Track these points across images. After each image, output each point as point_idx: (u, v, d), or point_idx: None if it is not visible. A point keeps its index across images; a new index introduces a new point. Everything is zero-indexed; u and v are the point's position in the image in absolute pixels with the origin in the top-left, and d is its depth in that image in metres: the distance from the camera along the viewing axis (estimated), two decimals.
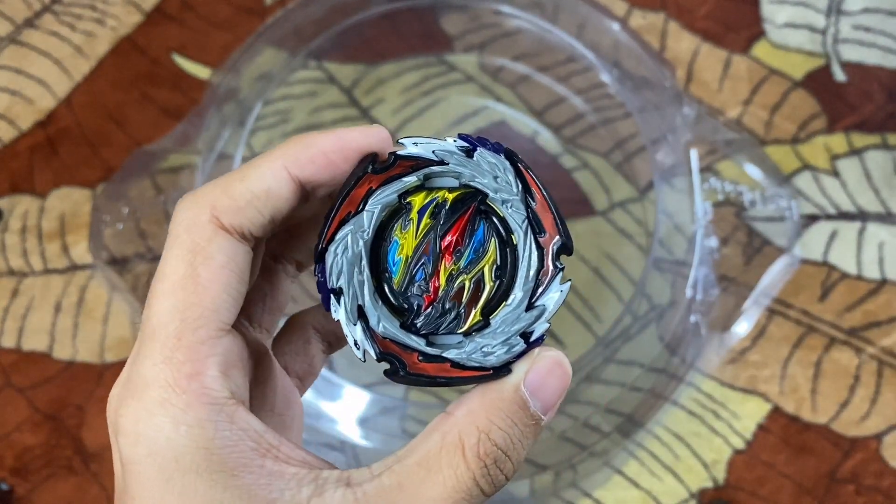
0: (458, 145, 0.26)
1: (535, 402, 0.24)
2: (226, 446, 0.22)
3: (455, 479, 0.23)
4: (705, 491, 0.48)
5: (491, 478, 0.23)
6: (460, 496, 0.23)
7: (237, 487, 0.22)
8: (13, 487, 0.49)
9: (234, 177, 0.24)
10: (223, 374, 0.23)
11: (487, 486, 0.23)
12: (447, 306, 0.25)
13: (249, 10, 0.59)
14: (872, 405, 0.49)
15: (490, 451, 0.23)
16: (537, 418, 0.24)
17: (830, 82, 0.56)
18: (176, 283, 0.24)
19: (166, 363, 0.23)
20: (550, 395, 0.24)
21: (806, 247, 0.52)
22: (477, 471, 0.23)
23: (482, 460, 0.23)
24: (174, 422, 0.22)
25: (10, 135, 0.56)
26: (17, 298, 0.52)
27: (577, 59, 0.56)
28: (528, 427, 0.24)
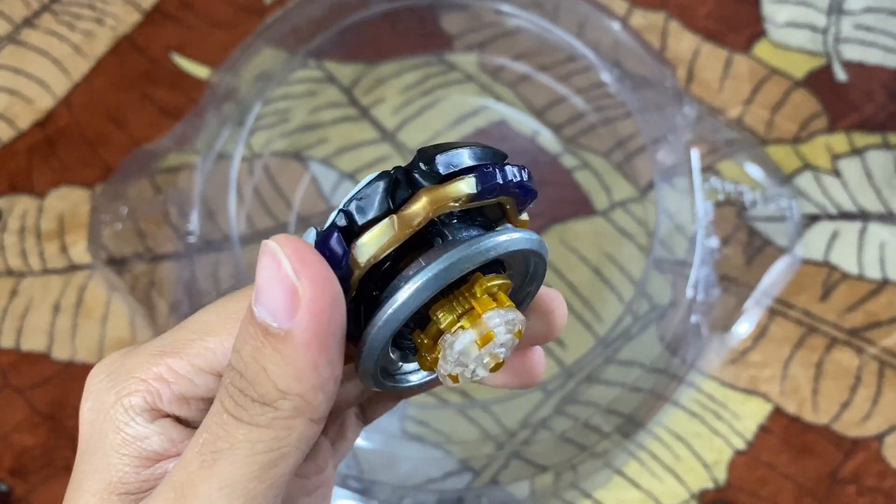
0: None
1: (260, 309, 0.20)
2: (136, 435, 0.23)
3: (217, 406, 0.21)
4: (706, 491, 0.48)
5: (232, 399, 0.21)
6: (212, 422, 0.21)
7: (119, 470, 0.23)
8: (12, 488, 0.48)
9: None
10: (183, 397, 0.23)
11: (232, 407, 0.21)
12: None
13: (249, 10, 0.59)
14: (874, 406, 0.49)
15: (227, 373, 0.21)
16: (265, 328, 0.20)
17: (831, 82, 0.56)
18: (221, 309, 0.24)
19: (154, 355, 0.23)
20: (269, 295, 0.20)
21: (807, 247, 0.52)
22: (222, 395, 0.21)
23: (223, 383, 0.21)
24: (112, 396, 0.23)
25: (9, 135, 0.56)
26: (15, 298, 0.52)
27: (577, 58, 0.55)
28: (258, 340, 0.20)
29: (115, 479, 0.23)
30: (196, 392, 0.23)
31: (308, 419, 0.20)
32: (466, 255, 0.20)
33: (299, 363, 0.20)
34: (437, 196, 0.21)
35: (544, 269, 0.24)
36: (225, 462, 0.20)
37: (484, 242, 0.21)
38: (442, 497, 0.47)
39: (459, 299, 0.22)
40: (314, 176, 0.54)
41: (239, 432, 0.20)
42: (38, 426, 0.49)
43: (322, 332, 0.20)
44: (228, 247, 0.50)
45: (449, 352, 0.22)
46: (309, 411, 0.20)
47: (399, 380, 0.24)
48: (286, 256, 0.20)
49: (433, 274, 0.20)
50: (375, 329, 0.21)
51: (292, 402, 0.20)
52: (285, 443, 0.20)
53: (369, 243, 0.20)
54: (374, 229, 0.20)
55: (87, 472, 0.23)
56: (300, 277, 0.19)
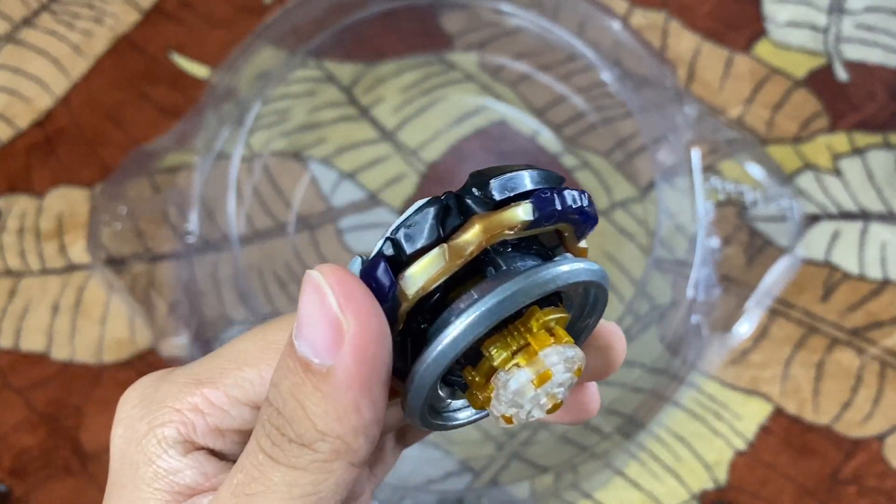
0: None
1: (301, 343, 0.19)
2: (168, 469, 0.22)
3: (254, 444, 0.20)
4: (707, 492, 0.48)
5: (270, 440, 0.20)
6: (247, 462, 0.20)
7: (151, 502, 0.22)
8: (11, 489, 0.48)
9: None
10: (218, 430, 0.23)
11: (268, 447, 0.20)
12: None
13: (248, 9, 0.59)
14: (875, 406, 0.49)
15: (265, 410, 0.20)
16: (306, 364, 0.19)
17: (832, 81, 0.56)
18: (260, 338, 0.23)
19: (188, 385, 0.23)
20: (312, 330, 0.19)
21: (808, 247, 0.52)
22: (258, 433, 0.20)
23: (260, 420, 0.20)
24: (145, 427, 0.22)
25: (8, 134, 0.56)
26: (14, 299, 0.52)
27: (577, 57, 0.55)
28: (298, 377, 0.19)
29: None
30: (232, 424, 0.22)
31: (348, 462, 0.19)
32: (523, 288, 0.19)
33: (341, 403, 0.19)
34: (492, 223, 0.19)
35: (605, 301, 0.22)
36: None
37: (542, 274, 0.19)
38: (442, 497, 0.47)
39: (514, 334, 0.20)
40: (314, 176, 0.54)
41: (275, 474, 0.19)
42: (37, 426, 0.49)
43: (366, 371, 0.19)
44: (228, 247, 0.50)
45: (503, 391, 0.20)
46: (349, 455, 0.19)
47: (447, 417, 0.23)
48: (331, 288, 0.18)
49: (487, 308, 0.19)
50: (424, 367, 0.19)
51: (332, 445, 0.19)
52: (323, 487, 0.19)
53: (418, 274, 0.19)
54: (424, 259, 0.19)
55: (117, 499, 0.22)
56: (345, 312, 0.18)
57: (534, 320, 0.20)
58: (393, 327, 0.20)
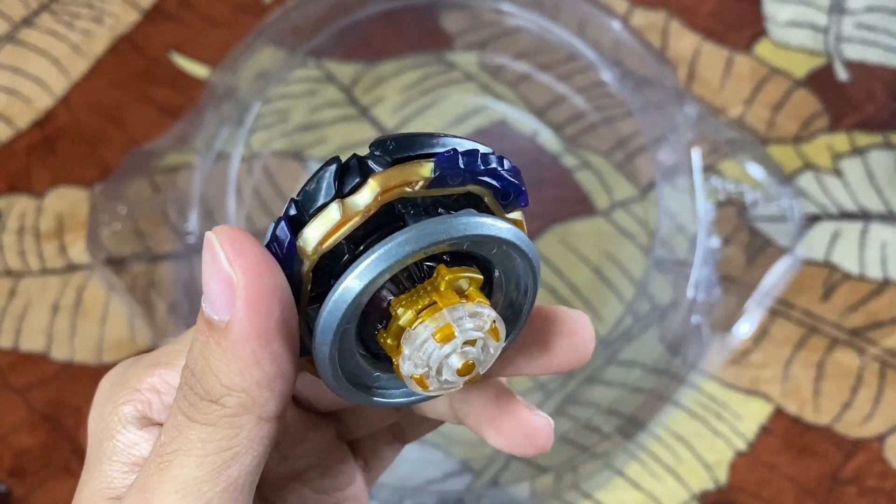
0: None
1: (204, 303, 0.19)
2: (126, 442, 0.23)
3: (175, 407, 0.21)
4: (707, 492, 0.48)
5: (185, 398, 0.20)
6: (172, 425, 0.20)
7: (108, 475, 0.23)
8: (10, 489, 0.48)
9: None
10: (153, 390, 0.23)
11: (185, 407, 0.20)
12: None
13: (248, 9, 0.59)
14: (875, 406, 0.49)
15: (182, 373, 0.20)
16: (208, 322, 0.19)
17: (833, 81, 0.56)
18: None
19: (150, 366, 0.24)
20: (209, 288, 0.19)
21: (808, 247, 0.52)
22: (177, 395, 0.21)
23: (180, 384, 0.21)
24: (111, 404, 0.23)
25: (8, 134, 0.56)
26: (14, 299, 0.52)
27: (577, 57, 0.55)
28: (203, 335, 0.20)
29: (103, 485, 0.23)
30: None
31: (256, 417, 0.20)
32: (413, 237, 0.19)
33: (240, 357, 0.19)
34: (388, 178, 0.19)
35: (533, 272, 0.21)
36: (178, 464, 0.20)
37: (436, 224, 0.19)
38: (442, 498, 0.47)
39: (421, 293, 0.20)
40: None
41: (191, 433, 0.20)
42: (36, 427, 0.49)
43: (261, 323, 0.19)
44: None
45: (407, 348, 0.20)
46: (256, 408, 0.20)
47: (380, 394, 0.22)
48: (221, 246, 0.19)
49: (379, 253, 0.19)
50: (322, 317, 0.19)
51: (237, 399, 0.19)
52: (235, 442, 0.20)
53: (314, 231, 0.19)
54: (319, 217, 0.19)
55: (85, 479, 0.23)
56: (234, 267, 0.19)
57: (440, 279, 0.20)
58: (300, 287, 0.20)
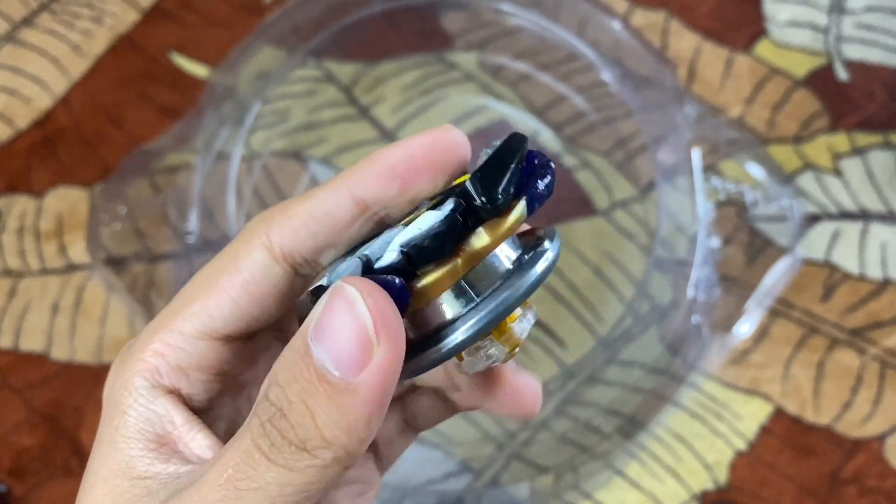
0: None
1: (320, 351, 0.19)
2: (138, 417, 0.23)
3: (248, 440, 0.20)
4: (707, 492, 0.48)
5: (269, 440, 0.20)
6: (239, 457, 0.20)
7: (125, 454, 0.23)
8: (10, 489, 0.48)
9: (300, 197, 0.23)
10: (180, 368, 0.23)
11: (268, 447, 0.20)
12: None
13: (248, 9, 0.59)
14: (875, 406, 0.49)
15: (264, 408, 0.20)
16: (322, 373, 0.19)
17: (833, 81, 0.56)
18: (200, 275, 0.24)
19: (148, 334, 0.24)
20: (338, 343, 0.19)
21: (808, 247, 0.52)
22: (255, 430, 0.20)
23: (258, 417, 0.20)
24: (117, 381, 0.24)
25: (7, 134, 0.56)
26: (14, 299, 0.52)
27: (577, 57, 0.55)
28: (311, 384, 0.19)
29: (123, 465, 0.23)
30: (190, 361, 0.23)
31: (343, 467, 0.20)
32: (516, 297, 0.21)
33: (355, 417, 0.19)
34: (500, 233, 0.21)
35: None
36: (251, 499, 0.20)
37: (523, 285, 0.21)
38: (442, 498, 0.47)
39: None
40: (314, 175, 0.54)
41: (269, 474, 0.19)
42: (36, 427, 0.49)
43: (388, 391, 0.19)
44: None
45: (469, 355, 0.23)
46: (348, 461, 0.19)
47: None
48: (369, 311, 0.19)
49: (484, 317, 0.20)
50: (430, 358, 0.21)
51: (335, 454, 0.19)
52: (314, 488, 0.20)
53: (431, 286, 0.20)
54: (439, 272, 0.20)
55: (96, 457, 0.23)
56: (380, 336, 0.19)
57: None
58: None
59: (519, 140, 0.21)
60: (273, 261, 0.23)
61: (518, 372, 0.25)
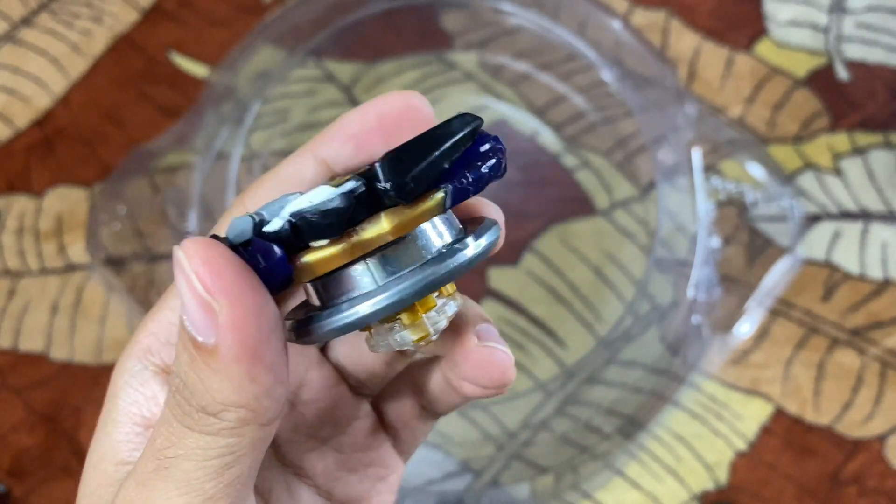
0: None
1: (186, 320, 0.19)
2: (127, 400, 0.23)
3: (167, 410, 0.20)
4: (707, 493, 0.47)
5: (179, 407, 0.20)
6: (163, 427, 0.20)
7: (113, 439, 0.23)
8: (10, 489, 0.48)
9: (272, 170, 0.24)
10: (170, 343, 0.24)
11: (179, 416, 0.20)
12: None
13: (248, 9, 0.59)
14: (876, 406, 0.49)
15: (172, 379, 0.20)
16: (193, 340, 0.19)
17: (833, 81, 0.56)
18: None
19: (144, 320, 0.24)
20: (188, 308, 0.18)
21: (809, 247, 0.52)
22: (169, 400, 0.20)
23: (171, 387, 0.20)
24: (117, 367, 0.24)
25: (7, 134, 0.56)
26: (13, 299, 0.52)
27: (577, 57, 0.55)
28: (190, 352, 0.19)
29: (108, 449, 0.23)
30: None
31: (258, 425, 0.19)
32: (425, 283, 0.19)
33: (234, 376, 0.18)
34: (403, 222, 0.19)
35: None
36: (178, 467, 0.20)
37: (439, 271, 0.20)
38: (442, 498, 0.46)
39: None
40: None
41: (189, 440, 0.20)
42: (35, 427, 0.49)
43: (252, 344, 0.18)
44: None
45: (378, 334, 0.22)
46: (257, 418, 0.19)
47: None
48: (195, 272, 0.18)
49: (391, 296, 0.19)
50: (328, 326, 0.20)
51: (236, 414, 0.19)
52: (237, 447, 0.20)
53: (316, 263, 0.19)
54: (326, 252, 0.19)
55: (92, 443, 0.24)
56: (213, 294, 0.18)
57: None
58: (280, 280, 0.19)
59: (462, 123, 0.20)
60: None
61: (487, 340, 0.24)
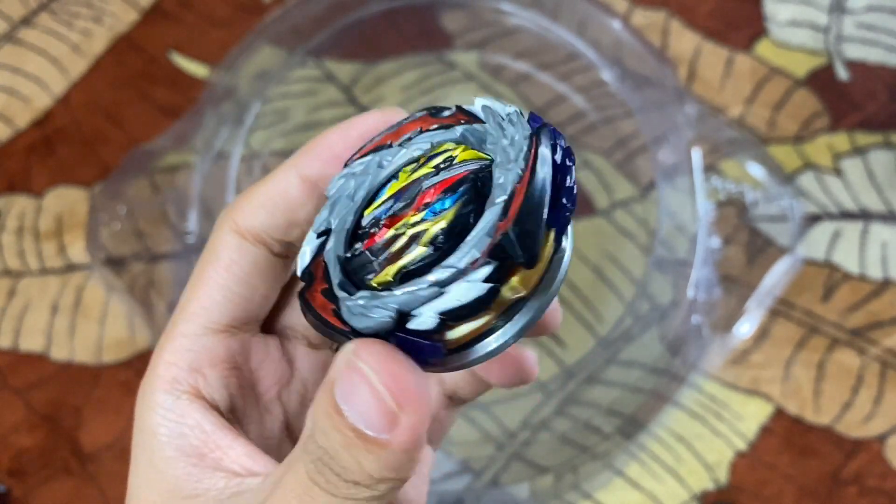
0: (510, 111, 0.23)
1: (349, 411, 0.20)
2: (171, 434, 0.23)
3: (296, 478, 0.21)
4: (707, 493, 0.47)
5: (323, 476, 0.21)
6: (300, 489, 0.21)
7: (170, 475, 0.23)
8: (10, 489, 0.48)
9: (258, 182, 0.25)
10: (194, 370, 0.24)
11: (323, 483, 0.21)
12: (377, 253, 0.22)
13: (248, 8, 0.59)
14: (876, 406, 0.49)
15: (314, 449, 0.21)
16: (356, 430, 0.19)
17: (833, 81, 0.56)
18: (192, 278, 0.25)
19: (157, 352, 0.25)
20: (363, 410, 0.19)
21: (809, 247, 0.52)
22: (309, 466, 0.21)
23: (310, 455, 0.21)
24: (142, 404, 0.24)
25: (7, 134, 0.56)
26: (13, 299, 0.52)
27: (577, 57, 0.55)
28: (349, 438, 0.20)
29: (171, 487, 0.23)
30: (201, 359, 0.24)
31: (399, 487, 0.21)
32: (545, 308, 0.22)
33: (397, 460, 0.20)
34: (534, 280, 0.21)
35: None
36: None
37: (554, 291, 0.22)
38: (441, 498, 0.46)
39: None
40: None
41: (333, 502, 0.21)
42: (36, 427, 0.49)
43: (422, 437, 0.20)
44: None
45: None
46: (403, 483, 0.20)
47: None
48: (385, 386, 0.19)
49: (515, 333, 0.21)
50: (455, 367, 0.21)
51: (389, 485, 0.20)
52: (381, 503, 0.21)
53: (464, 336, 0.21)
54: (472, 325, 0.21)
55: (140, 485, 0.24)
56: (402, 407, 0.19)
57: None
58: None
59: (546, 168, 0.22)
60: (244, 241, 0.25)
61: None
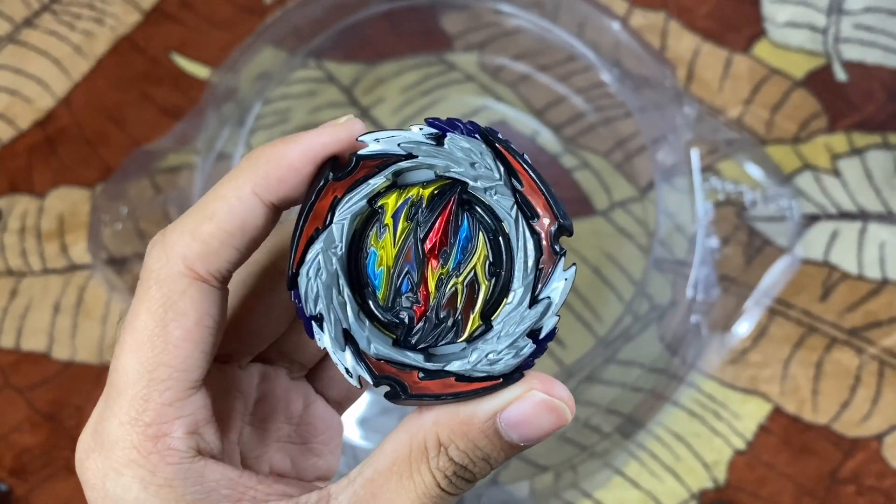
0: (425, 133, 0.22)
1: (513, 434, 0.23)
2: (197, 500, 0.22)
3: (424, 485, 0.23)
4: (706, 491, 0.48)
5: (454, 485, 0.23)
6: (429, 500, 0.23)
7: None
8: (12, 488, 0.48)
9: (202, 215, 0.23)
10: (190, 433, 0.23)
11: (453, 489, 0.23)
12: (441, 315, 0.22)
13: (249, 10, 0.59)
14: (873, 405, 0.49)
15: (446, 465, 0.23)
16: (511, 445, 0.23)
17: (831, 82, 0.56)
18: (145, 340, 0.23)
19: (132, 424, 0.23)
20: (534, 432, 0.23)
21: (807, 247, 0.52)
22: (441, 480, 0.23)
23: (442, 471, 0.23)
24: (143, 482, 0.22)
25: (9, 134, 0.56)
26: (15, 298, 0.52)
27: (577, 58, 0.55)
28: (497, 451, 0.23)
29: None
30: (195, 422, 0.23)
31: None
32: None
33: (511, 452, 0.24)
34: None
35: None
36: None
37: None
38: None
39: None
40: None
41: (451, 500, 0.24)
42: (38, 426, 0.49)
43: None
44: None
45: None
46: None
47: None
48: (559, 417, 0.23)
49: None
50: None
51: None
52: None
53: None
54: None
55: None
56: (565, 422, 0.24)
57: None
58: None
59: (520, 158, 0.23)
60: (210, 287, 0.23)
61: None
